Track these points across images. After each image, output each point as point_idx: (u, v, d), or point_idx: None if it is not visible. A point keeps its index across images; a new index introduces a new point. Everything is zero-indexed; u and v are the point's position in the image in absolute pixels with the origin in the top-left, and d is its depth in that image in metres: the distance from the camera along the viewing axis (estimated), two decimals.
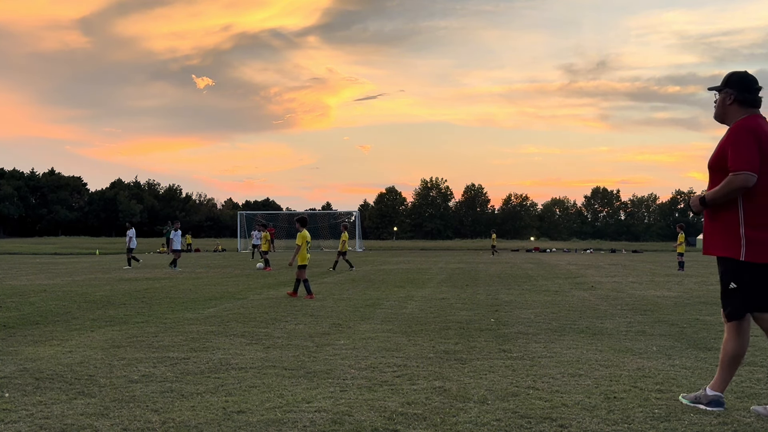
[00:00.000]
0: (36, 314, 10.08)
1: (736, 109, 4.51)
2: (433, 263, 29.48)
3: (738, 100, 4.50)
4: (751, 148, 4.30)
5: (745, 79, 4.53)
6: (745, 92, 4.49)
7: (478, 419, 4.33)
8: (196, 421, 4.29)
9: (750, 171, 4.28)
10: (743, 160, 4.29)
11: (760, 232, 4.34)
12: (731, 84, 4.54)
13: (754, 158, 4.30)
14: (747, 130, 4.33)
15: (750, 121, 4.40)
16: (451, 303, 11.74)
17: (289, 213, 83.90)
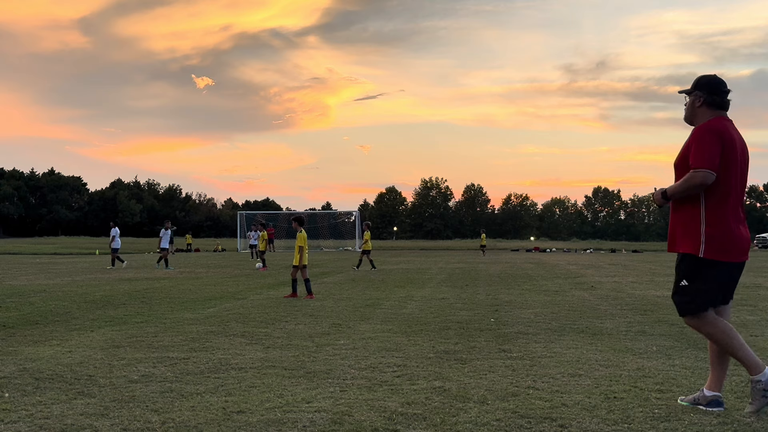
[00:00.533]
0: (36, 314, 10.08)
1: (705, 111, 4.64)
2: (433, 263, 29.49)
3: (707, 102, 4.63)
4: (714, 147, 4.44)
5: (713, 81, 4.67)
6: (713, 94, 4.62)
7: (478, 419, 4.33)
8: (196, 421, 4.29)
9: (709, 169, 4.41)
10: (704, 158, 4.43)
11: (719, 230, 4.46)
12: (700, 87, 4.68)
13: (715, 157, 4.42)
14: (711, 130, 4.48)
15: (716, 122, 4.56)
16: (451, 303, 11.74)
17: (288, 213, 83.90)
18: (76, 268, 24.29)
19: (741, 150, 4.59)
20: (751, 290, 14.58)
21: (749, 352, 4.48)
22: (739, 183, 4.57)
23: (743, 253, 4.56)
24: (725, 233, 4.46)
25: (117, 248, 25.26)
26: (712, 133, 4.47)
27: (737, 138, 4.59)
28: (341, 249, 56.73)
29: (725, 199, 4.49)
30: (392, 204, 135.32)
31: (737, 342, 4.48)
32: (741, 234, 4.53)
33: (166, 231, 25.23)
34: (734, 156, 4.51)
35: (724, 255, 4.46)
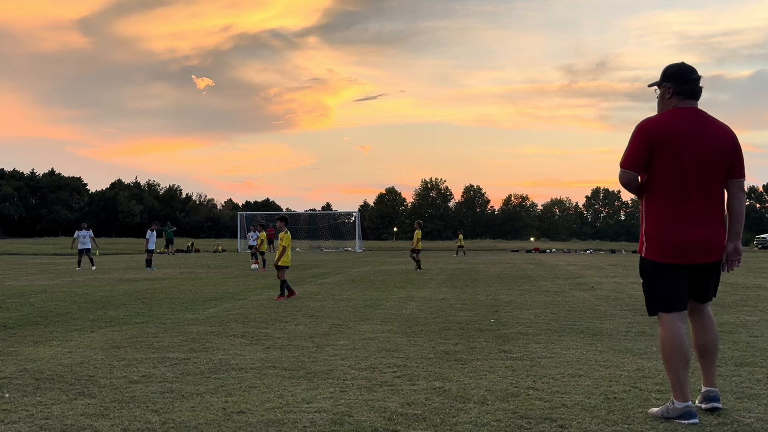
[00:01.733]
0: (36, 315, 10.09)
1: (675, 102, 4.44)
2: (433, 263, 29.48)
3: (676, 93, 4.43)
4: (635, 145, 4.34)
5: (681, 70, 4.45)
6: (682, 83, 4.41)
7: (478, 420, 4.33)
8: (196, 422, 4.29)
9: (626, 168, 4.37)
10: (624, 156, 4.39)
11: (656, 229, 4.37)
12: (668, 77, 4.46)
13: (634, 156, 4.33)
14: (639, 128, 4.37)
15: (651, 119, 4.40)
16: (451, 303, 11.74)
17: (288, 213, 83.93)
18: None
19: (699, 143, 4.28)
20: (751, 291, 14.58)
21: (683, 379, 4.29)
22: (691, 179, 4.27)
23: (690, 254, 4.30)
24: (662, 233, 4.32)
25: (88, 249, 25.18)
26: (638, 131, 4.35)
27: (693, 129, 4.31)
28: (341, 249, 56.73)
29: (664, 197, 4.32)
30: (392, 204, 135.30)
31: (675, 363, 4.30)
32: (684, 234, 4.27)
33: (152, 232, 25.31)
34: (676, 151, 4.26)
35: (661, 256, 4.34)
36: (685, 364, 4.31)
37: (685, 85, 4.41)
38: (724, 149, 4.36)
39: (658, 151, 4.29)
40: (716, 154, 4.33)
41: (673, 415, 4.28)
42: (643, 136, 4.33)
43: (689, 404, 4.26)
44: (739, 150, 4.45)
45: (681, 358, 4.30)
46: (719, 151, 4.34)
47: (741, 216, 4.49)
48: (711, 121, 4.41)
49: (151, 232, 25.31)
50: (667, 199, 4.32)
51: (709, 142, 4.32)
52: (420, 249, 23.95)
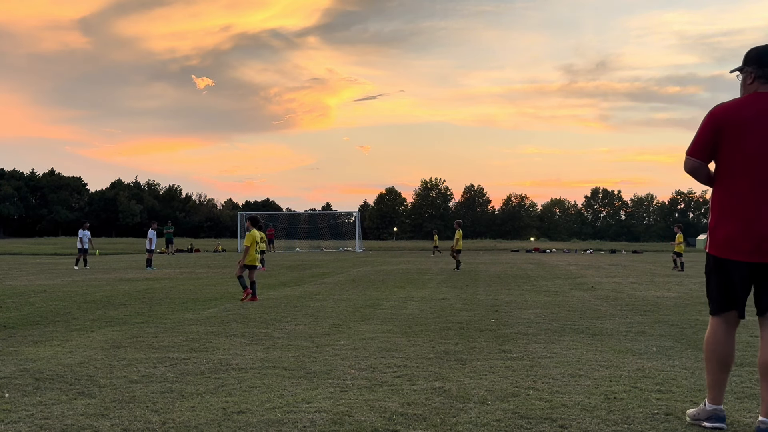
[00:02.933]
0: (36, 314, 10.09)
1: (755, 87, 4.05)
2: (433, 263, 29.48)
3: (758, 77, 4.04)
4: (701, 132, 4.07)
5: (764, 52, 4.05)
6: (765, 66, 4.01)
7: (478, 420, 4.33)
8: (196, 422, 4.29)
9: (690, 155, 4.11)
10: (691, 144, 4.13)
11: (723, 223, 4.05)
12: (750, 61, 4.08)
13: (699, 143, 4.07)
14: (708, 114, 4.08)
15: (723, 105, 4.07)
16: (451, 303, 11.74)
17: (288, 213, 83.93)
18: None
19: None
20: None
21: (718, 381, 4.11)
22: (760, 168, 3.93)
23: (751, 252, 3.94)
24: (722, 226, 4.02)
25: (86, 249, 25.25)
26: (707, 117, 4.07)
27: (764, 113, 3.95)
28: (341, 249, 56.73)
29: (727, 188, 4.02)
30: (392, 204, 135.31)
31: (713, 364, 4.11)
32: (747, 228, 3.93)
33: (153, 232, 25.34)
34: (743, 136, 3.94)
35: (720, 251, 4.04)
36: (723, 367, 4.10)
37: (767, 69, 4.02)
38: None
39: (726, 137, 3.98)
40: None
41: (702, 417, 4.14)
42: (710, 121, 4.04)
43: (719, 408, 4.11)
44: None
45: (720, 360, 4.09)
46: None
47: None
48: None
49: (153, 231, 25.32)
50: (730, 190, 4.01)
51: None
52: (461, 249, 23.78)
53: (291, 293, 13.82)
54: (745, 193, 3.97)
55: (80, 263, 24.73)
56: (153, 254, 24.89)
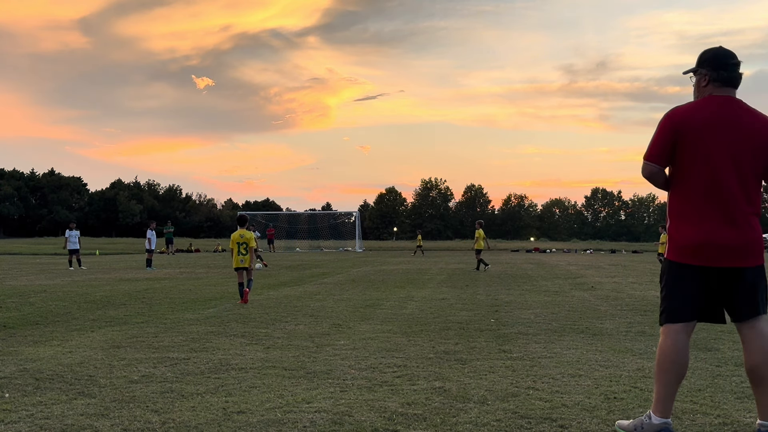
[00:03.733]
0: (36, 314, 10.09)
1: (710, 90, 3.97)
2: (433, 263, 29.48)
3: (713, 80, 3.95)
4: (658, 136, 3.96)
5: (719, 54, 3.97)
6: (719, 69, 3.93)
7: (478, 419, 4.33)
8: (196, 422, 4.29)
9: (647, 160, 4.00)
10: (648, 148, 4.02)
11: (681, 228, 3.93)
12: (704, 63, 3.99)
13: (657, 147, 3.95)
14: (665, 117, 3.98)
15: (679, 108, 3.98)
16: (451, 303, 11.74)
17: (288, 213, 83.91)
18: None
19: (730, 135, 3.85)
20: None
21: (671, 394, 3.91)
22: (719, 174, 3.84)
23: (712, 257, 3.83)
24: (683, 231, 3.90)
25: (77, 249, 25.19)
26: (664, 120, 3.96)
27: (724, 119, 3.87)
28: (341, 249, 56.72)
29: (687, 193, 3.91)
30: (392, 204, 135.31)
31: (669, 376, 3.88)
32: (707, 234, 3.83)
33: (152, 231, 25.34)
34: (702, 141, 3.85)
35: (680, 256, 3.91)
36: (680, 379, 3.91)
37: (722, 71, 3.93)
38: (761, 142, 3.86)
39: (683, 141, 3.88)
40: (750, 147, 3.84)
41: (647, 431, 3.91)
42: (668, 125, 3.92)
43: (668, 421, 3.89)
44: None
45: (679, 372, 3.89)
46: (757, 144, 3.85)
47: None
48: (748, 111, 3.92)
49: (152, 231, 25.34)
50: (688, 195, 3.90)
51: (742, 134, 3.84)
52: (482, 249, 23.60)
53: (291, 293, 13.82)
54: (704, 198, 3.87)
55: (74, 263, 24.69)
56: (153, 254, 24.92)
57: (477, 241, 23.67)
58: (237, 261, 12.05)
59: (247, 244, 12.09)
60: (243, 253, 12.02)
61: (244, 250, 12.03)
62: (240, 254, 12.04)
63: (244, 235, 12.10)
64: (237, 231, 12.28)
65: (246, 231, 12.24)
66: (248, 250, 12.06)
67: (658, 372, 3.94)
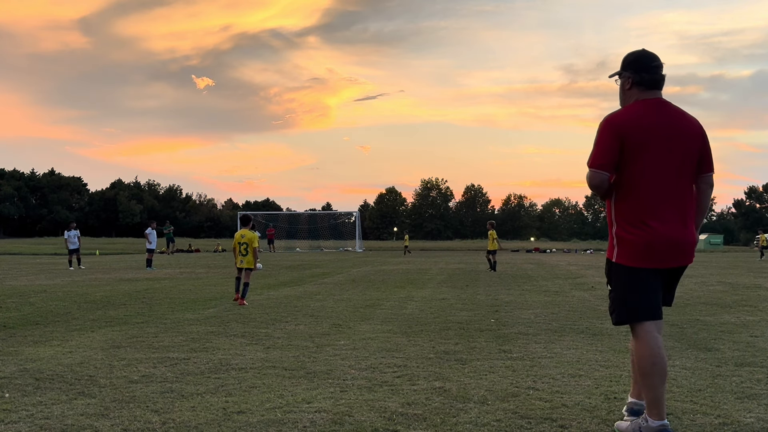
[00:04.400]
0: (36, 315, 10.09)
1: (635, 93, 4.04)
2: (433, 264, 29.48)
3: (636, 83, 4.03)
4: (603, 143, 3.95)
5: (640, 57, 4.05)
6: (642, 72, 4.01)
7: (478, 420, 4.33)
8: (196, 422, 4.29)
9: (595, 168, 3.97)
10: (592, 156, 4.00)
11: (628, 231, 3.98)
12: (627, 66, 4.07)
13: (605, 155, 3.94)
14: (606, 123, 3.99)
15: (618, 113, 4.02)
16: (451, 303, 11.74)
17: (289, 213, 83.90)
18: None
19: (669, 137, 3.95)
20: (751, 291, 14.58)
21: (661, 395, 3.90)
22: (663, 175, 3.94)
23: (665, 258, 3.94)
24: (637, 235, 3.94)
25: (77, 249, 25.20)
26: (606, 127, 3.97)
27: (662, 122, 3.97)
28: (341, 249, 56.72)
29: (636, 196, 3.95)
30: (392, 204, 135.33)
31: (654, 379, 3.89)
32: (660, 236, 3.91)
33: (153, 230, 25.36)
34: (647, 145, 3.93)
35: (635, 260, 3.95)
36: (663, 378, 3.92)
37: (644, 74, 4.02)
38: (694, 142, 4.02)
39: (629, 146, 3.92)
40: (687, 147, 3.99)
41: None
42: (612, 132, 3.94)
43: (665, 423, 3.89)
44: (708, 143, 4.12)
45: (661, 373, 3.90)
46: (690, 144, 4.00)
47: (705, 210, 4.19)
48: (679, 113, 4.06)
49: (152, 230, 25.35)
50: (639, 199, 3.95)
51: (678, 135, 3.97)
52: (495, 249, 23.37)
53: (291, 293, 13.82)
54: (647, 203, 3.94)
55: (73, 263, 24.70)
56: (153, 254, 24.92)
57: (492, 242, 23.51)
58: (238, 261, 11.88)
59: (248, 245, 11.82)
60: (243, 254, 11.80)
61: (245, 250, 11.78)
62: (240, 254, 11.83)
63: (245, 236, 11.86)
64: (239, 230, 12.12)
65: (248, 231, 12.00)
66: (249, 251, 11.81)
67: (641, 377, 3.96)
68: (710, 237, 71.63)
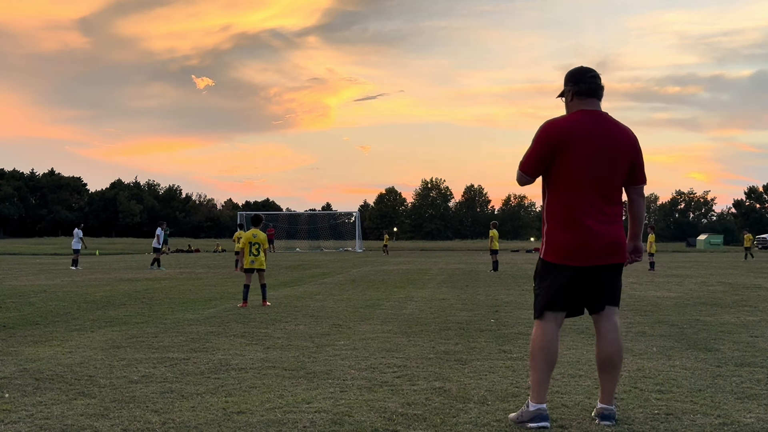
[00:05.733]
0: (36, 315, 10.08)
1: (576, 104, 4.35)
2: (433, 264, 29.48)
3: (575, 94, 4.34)
4: (533, 148, 4.26)
5: (576, 71, 4.39)
6: (579, 83, 4.32)
7: (478, 420, 4.33)
8: (196, 422, 4.29)
9: (521, 170, 4.32)
10: (523, 159, 4.32)
11: (554, 230, 4.27)
12: (567, 81, 4.41)
13: (531, 158, 4.26)
14: (540, 129, 4.28)
15: (553, 121, 4.29)
16: (451, 303, 11.74)
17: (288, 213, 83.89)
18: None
19: (599, 145, 4.19)
20: (751, 291, 14.58)
21: (543, 381, 4.23)
22: (590, 181, 4.18)
23: (585, 256, 4.18)
24: (559, 234, 4.23)
25: (78, 249, 25.18)
26: (540, 133, 4.26)
27: (593, 131, 4.22)
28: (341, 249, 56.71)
29: (563, 199, 4.23)
30: (392, 205, 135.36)
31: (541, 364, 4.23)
32: (581, 236, 4.17)
33: (161, 231, 25.39)
34: (576, 152, 4.18)
35: (557, 257, 4.24)
36: (551, 366, 4.25)
37: (582, 84, 4.32)
38: (624, 152, 4.26)
39: (558, 152, 4.20)
40: (616, 157, 4.23)
41: (525, 419, 4.18)
42: (545, 137, 4.23)
43: (542, 407, 4.17)
44: (640, 154, 4.36)
45: (549, 360, 4.23)
46: (619, 154, 4.24)
47: (641, 219, 4.46)
48: (613, 124, 4.31)
49: (161, 230, 25.37)
50: (567, 202, 4.22)
51: (609, 145, 4.22)
52: (496, 249, 23.43)
53: (291, 293, 13.82)
54: (576, 205, 4.21)
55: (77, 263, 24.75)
56: (161, 254, 24.93)
57: (492, 242, 23.52)
58: (248, 261, 11.69)
59: (260, 245, 11.73)
60: (254, 254, 11.64)
61: (256, 250, 11.65)
62: (251, 254, 11.66)
63: (257, 235, 11.74)
64: (250, 230, 11.95)
65: (259, 231, 11.90)
66: (261, 251, 11.72)
67: (530, 360, 4.31)
68: (710, 237, 71.62)
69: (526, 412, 4.20)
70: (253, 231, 11.86)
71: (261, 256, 11.67)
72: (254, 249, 11.64)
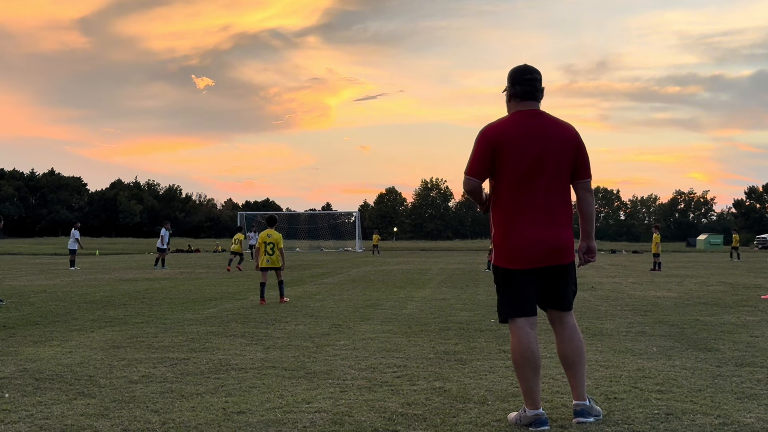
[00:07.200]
0: (36, 315, 10.08)
1: (513, 105, 4.31)
2: (433, 264, 29.48)
3: (512, 95, 4.30)
4: (476, 153, 4.22)
5: (514, 71, 4.31)
6: (516, 84, 4.27)
7: (478, 420, 4.33)
8: (196, 422, 4.29)
9: (468, 175, 4.24)
10: (468, 164, 4.27)
11: (501, 235, 4.28)
12: (508, 80, 4.33)
13: (477, 163, 4.21)
14: (480, 134, 4.25)
15: (493, 125, 4.26)
16: (451, 303, 11.74)
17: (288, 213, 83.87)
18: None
19: (540, 145, 4.18)
20: (751, 291, 14.58)
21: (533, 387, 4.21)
22: (534, 183, 4.18)
23: (535, 259, 4.19)
24: (508, 239, 4.23)
25: (74, 249, 25.12)
26: (480, 137, 4.24)
27: (533, 132, 4.20)
28: (341, 249, 56.72)
29: (508, 203, 4.22)
30: (392, 205, 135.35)
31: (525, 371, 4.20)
32: (529, 239, 4.18)
33: (166, 231, 25.40)
34: (518, 154, 4.17)
35: (508, 262, 4.24)
36: (536, 371, 4.21)
37: (518, 86, 4.27)
38: (566, 150, 4.23)
39: (500, 156, 4.17)
40: (559, 155, 4.21)
41: (524, 423, 4.18)
42: (485, 142, 4.20)
43: (539, 411, 4.17)
44: (584, 150, 4.32)
45: (533, 366, 4.19)
46: (562, 152, 4.22)
47: (591, 216, 4.39)
48: (553, 122, 4.28)
49: (166, 230, 25.41)
50: (511, 205, 4.21)
51: (550, 144, 4.19)
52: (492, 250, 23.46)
53: (291, 293, 13.82)
54: (522, 208, 4.20)
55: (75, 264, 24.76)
56: (165, 254, 24.96)
57: None
58: (263, 261, 12.13)
59: (275, 245, 12.17)
60: (269, 254, 12.10)
61: (271, 250, 12.11)
62: (266, 254, 12.11)
63: (271, 235, 12.21)
64: (265, 230, 12.39)
65: (274, 231, 12.33)
66: (275, 251, 12.14)
67: (515, 369, 4.29)
68: (710, 237, 71.62)
69: (524, 417, 4.20)
70: (268, 231, 12.31)
71: (276, 255, 12.14)
72: (269, 248, 12.11)
